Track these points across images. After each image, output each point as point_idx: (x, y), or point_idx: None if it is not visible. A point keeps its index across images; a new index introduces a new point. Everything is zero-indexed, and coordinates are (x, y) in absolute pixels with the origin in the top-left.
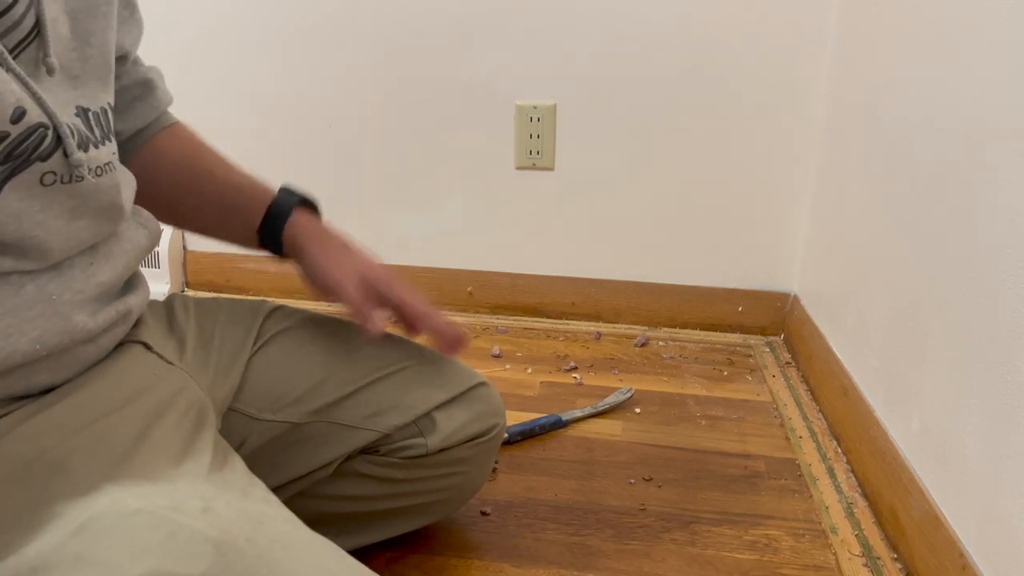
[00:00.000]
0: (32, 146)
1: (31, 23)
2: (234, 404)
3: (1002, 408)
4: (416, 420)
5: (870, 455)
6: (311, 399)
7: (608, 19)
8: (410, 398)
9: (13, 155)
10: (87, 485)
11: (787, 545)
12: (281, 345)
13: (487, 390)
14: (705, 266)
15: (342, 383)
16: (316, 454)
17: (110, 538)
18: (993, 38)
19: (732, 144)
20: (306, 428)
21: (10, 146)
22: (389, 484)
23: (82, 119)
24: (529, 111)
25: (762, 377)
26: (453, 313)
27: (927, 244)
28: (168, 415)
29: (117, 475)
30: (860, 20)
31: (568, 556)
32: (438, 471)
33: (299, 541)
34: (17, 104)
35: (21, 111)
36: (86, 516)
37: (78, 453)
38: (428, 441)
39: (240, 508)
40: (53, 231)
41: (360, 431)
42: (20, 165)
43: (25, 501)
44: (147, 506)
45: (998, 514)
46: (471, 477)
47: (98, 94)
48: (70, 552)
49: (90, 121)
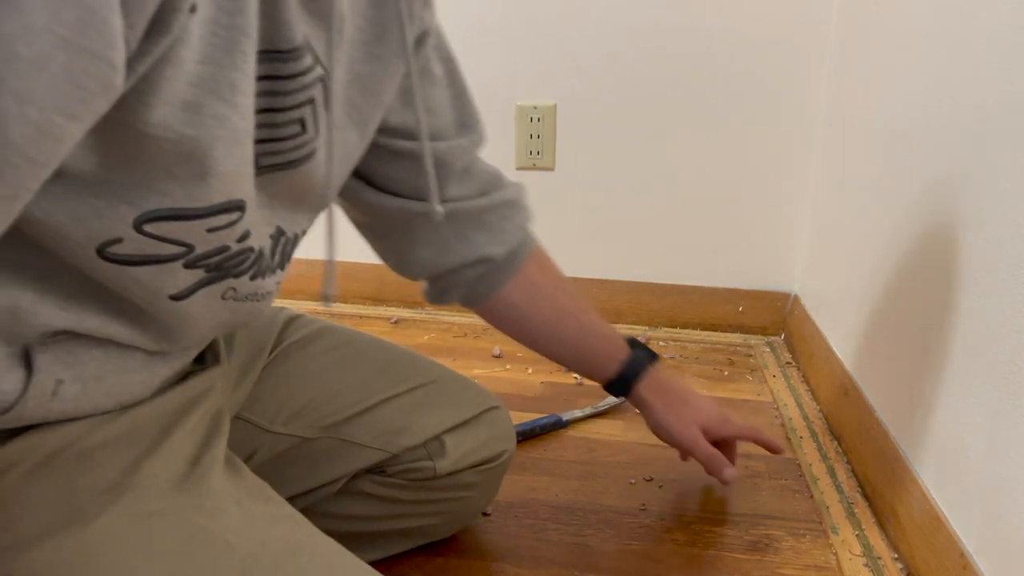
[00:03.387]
0: (236, 263)
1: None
2: (246, 414)
3: (1003, 408)
4: (426, 443)
5: (871, 455)
6: (323, 414)
7: (608, 19)
8: (422, 420)
9: (221, 267)
10: (111, 480)
11: (788, 545)
12: (297, 356)
13: (499, 414)
14: (706, 266)
15: (355, 400)
16: (324, 470)
17: (130, 539)
18: (993, 38)
19: (732, 144)
20: (316, 443)
21: (224, 259)
22: (393, 504)
23: (272, 242)
24: (529, 111)
25: (763, 377)
26: (454, 314)
27: (928, 244)
28: (191, 415)
29: (140, 470)
30: (860, 20)
31: (569, 556)
32: (443, 494)
33: (310, 544)
34: (248, 228)
35: (247, 233)
36: (107, 514)
37: (105, 446)
38: (436, 465)
39: (254, 511)
40: (200, 332)
41: (369, 450)
42: (219, 277)
43: (49, 492)
44: (168, 507)
45: (999, 514)
46: (475, 501)
47: (300, 220)
48: (87, 552)
49: (277, 246)
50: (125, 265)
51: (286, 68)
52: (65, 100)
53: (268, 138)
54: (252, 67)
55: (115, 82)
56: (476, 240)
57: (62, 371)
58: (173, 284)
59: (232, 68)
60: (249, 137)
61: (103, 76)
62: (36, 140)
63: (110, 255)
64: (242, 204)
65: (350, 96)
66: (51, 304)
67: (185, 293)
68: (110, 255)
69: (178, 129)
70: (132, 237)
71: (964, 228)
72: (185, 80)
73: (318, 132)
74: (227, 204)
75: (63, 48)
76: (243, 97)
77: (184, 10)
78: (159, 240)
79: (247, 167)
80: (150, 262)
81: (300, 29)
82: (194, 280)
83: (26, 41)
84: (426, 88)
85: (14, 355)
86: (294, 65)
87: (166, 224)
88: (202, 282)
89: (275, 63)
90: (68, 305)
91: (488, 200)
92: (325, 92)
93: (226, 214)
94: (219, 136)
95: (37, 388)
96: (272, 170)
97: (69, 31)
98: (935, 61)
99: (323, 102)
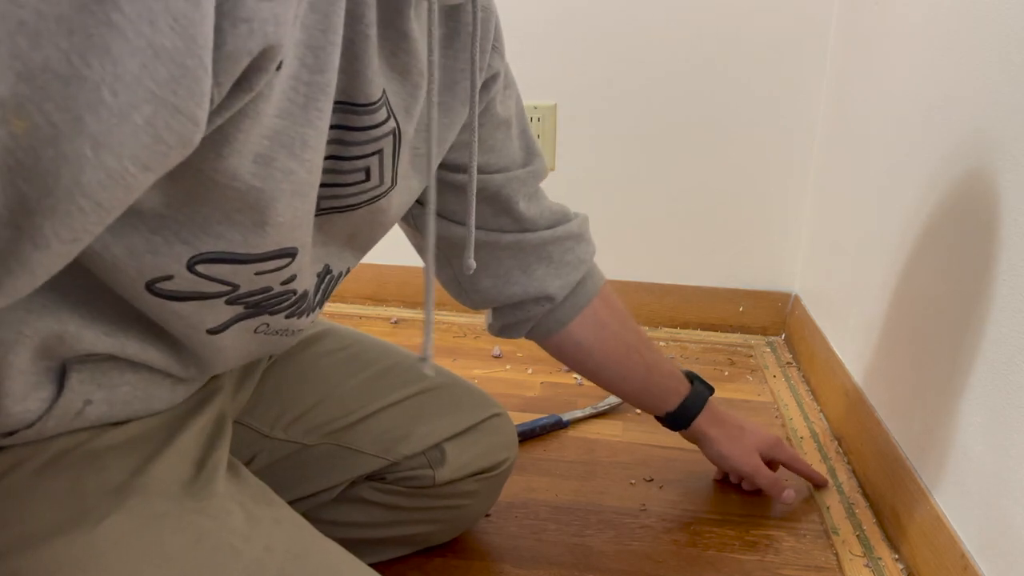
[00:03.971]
0: (276, 302)
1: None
2: (246, 419)
3: (1004, 408)
4: (426, 451)
5: (871, 455)
6: (323, 420)
7: (609, 20)
8: (422, 427)
9: (260, 305)
10: (118, 481)
11: (788, 546)
12: (299, 360)
13: (501, 421)
14: (706, 266)
15: (356, 406)
16: (323, 476)
17: (137, 541)
18: (994, 37)
19: (733, 144)
20: (315, 450)
21: (264, 299)
22: (392, 511)
23: (318, 280)
24: (529, 111)
25: (763, 377)
26: (454, 314)
27: (928, 243)
28: (197, 418)
29: (147, 472)
30: (860, 21)
31: (569, 557)
32: (443, 502)
33: (313, 548)
34: (296, 272)
35: (293, 276)
36: (115, 515)
37: (113, 448)
38: (436, 473)
39: (257, 514)
40: (228, 362)
41: (369, 457)
42: (255, 313)
43: (57, 491)
44: (174, 509)
45: (1000, 515)
46: (475, 508)
47: (348, 258)
48: (94, 553)
49: (321, 284)
50: (170, 300)
51: (359, 121)
52: (143, 151)
53: (331, 183)
54: (326, 123)
55: (195, 139)
56: (537, 273)
57: (94, 392)
58: (213, 319)
59: (307, 124)
60: (313, 190)
61: (184, 132)
62: (107, 187)
63: (158, 290)
64: (294, 252)
65: (416, 145)
66: (96, 330)
67: (221, 328)
68: (158, 290)
69: (246, 180)
70: (183, 276)
71: (964, 227)
72: (260, 133)
73: (382, 181)
74: (280, 252)
75: (150, 101)
76: (313, 153)
77: (271, 69)
78: (208, 280)
79: (307, 217)
80: (194, 298)
81: (379, 83)
82: (232, 315)
83: (114, 90)
84: (490, 128)
85: (48, 371)
86: (368, 119)
87: (217, 266)
88: (238, 317)
89: (349, 115)
90: (112, 331)
91: (551, 233)
92: (395, 144)
93: (277, 260)
94: (284, 189)
95: (63, 408)
96: (331, 212)
97: (159, 86)
98: (935, 61)
99: (391, 153)
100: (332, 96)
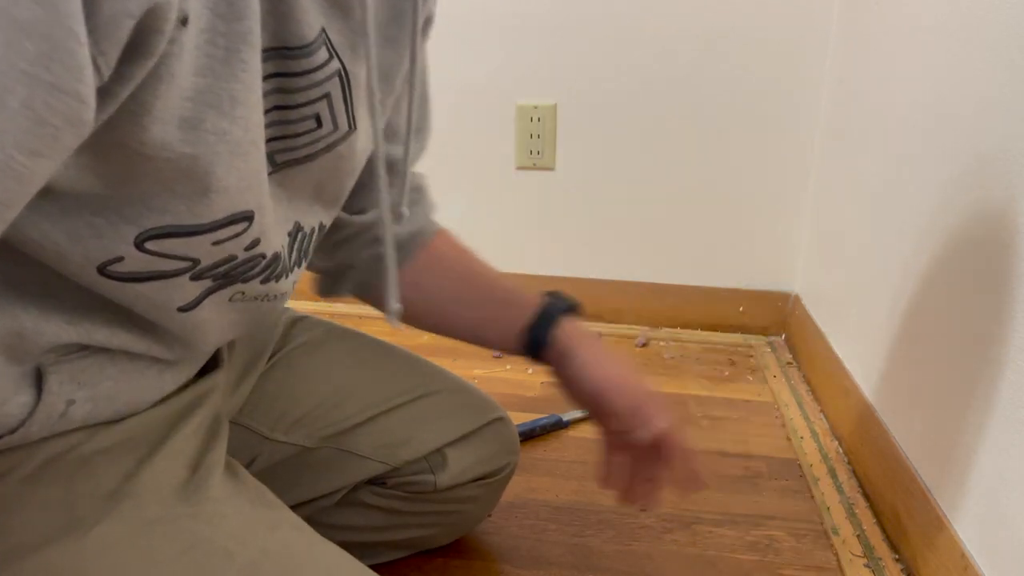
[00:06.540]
0: (245, 269)
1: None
2: (246, 420)
3: (1005, 408)
4: (427, 456)
5: (872, 455)
6: (324, 424)
7: (609, 19)
8: (424, 432)
9: (228, 275)
10: (110, 487)
11: (788, 546)
12: (301, 362)
13: (503, 426)
14: (706, 266)
15: (357, 410)
16: (324, 481)
17: (129, 547)
18: (994, 37)
19: (733, 144)
20: (316, 453)
21: (231, 268)
22: (392, 516)
23: (290, 240)
24: (529, 111)
25: (763, 377)
26: None
27: (929, 243)
28: (190, 419)
29: (140, 476)
30: (861, 20)
31: (569, 557)
32: (443, 507)
33: (311, 550)
34: (258, 235)
35: (256, 241)
36: (106, 521)
37: (104, 452)
38: (437, 479)
39: (253, 516)
40: (213, 336)
41: (370, 462)
42: (225, 284)
43: (48, 498)
44: (167, 514)
45: (1000, 515)
46: (475, 513)
47: (319, 213)
48: (86, 561)
49: (294, 243)
50: (128, 282)
51: (297, 65)
52: (26, 137)
53: (280, 135)
54: (256, 75)
55: (84, 116)
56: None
57: (75, 391)
58: (181, 297)
59: (232, 79)
60: (255, 147)
61: (69, 111)
62: None
63: (112, 273)
64: (250, 215)
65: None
66: (56, 320)
67: (193, 304)
68: (112, 273)
69: (176, 148)
70: (133, 255)
71: (964, 227)
72: (180, 95)
73: (336, 126)
74: (233, 216)
75: (22, 82)
76: (245, 109)
77: (166, 30)
78: (162, 256)
79: (255, 177)
80: (154, 278)
81: (314, 21)
82: (201, 290)
83: None
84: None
85: (24, 375)
86: (305, 62)
87: (168, 241)
88: (209, 290)
89: (286, 59)
90: (74, 320)
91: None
92: (343, 85)
93: (232, 226)
94: (220, 152)
95: (45, 411)
96: (288, 165)
97: (29, 64)
98: (935, 60)
99: (341, 96)
100: (258, 45)
